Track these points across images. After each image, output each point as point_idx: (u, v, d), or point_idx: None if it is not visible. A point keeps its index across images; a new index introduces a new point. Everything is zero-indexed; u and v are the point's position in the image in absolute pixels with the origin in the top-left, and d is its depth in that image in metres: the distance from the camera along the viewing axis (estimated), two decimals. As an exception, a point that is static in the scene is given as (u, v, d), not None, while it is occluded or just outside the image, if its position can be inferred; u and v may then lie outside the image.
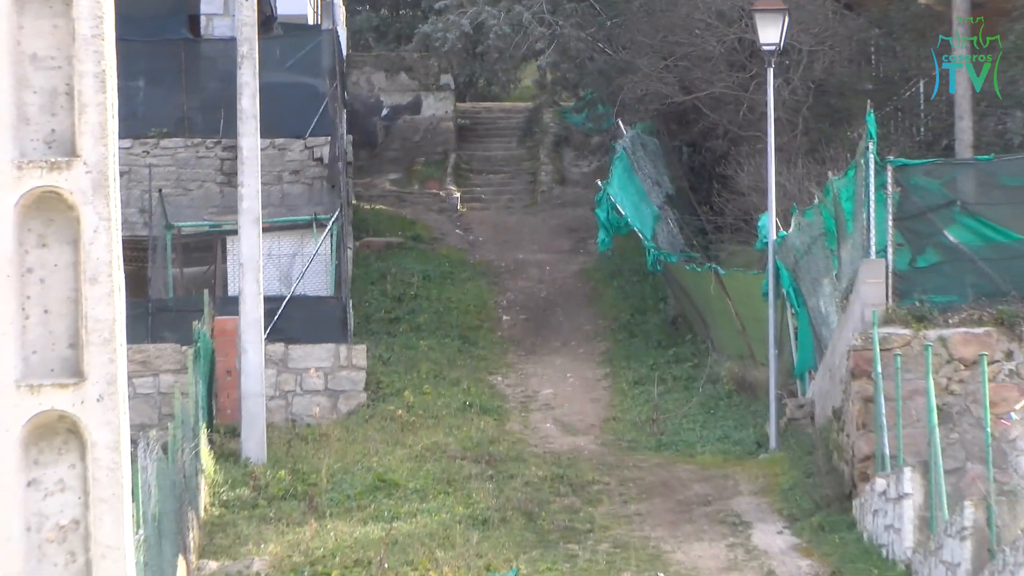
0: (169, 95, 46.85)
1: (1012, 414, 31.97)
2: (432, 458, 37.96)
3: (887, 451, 34.60)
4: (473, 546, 33.27)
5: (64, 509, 11.21)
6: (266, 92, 40.15)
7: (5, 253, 11.01)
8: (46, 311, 11.25)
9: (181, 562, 30.64)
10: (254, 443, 38.34)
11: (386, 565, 32.02)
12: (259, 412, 38.79)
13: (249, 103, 39.57)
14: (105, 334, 11.17)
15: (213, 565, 32.43)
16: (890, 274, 36.11)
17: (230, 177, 43.04)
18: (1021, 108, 44.06)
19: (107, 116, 11.37)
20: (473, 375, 43.06)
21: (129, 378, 11.51)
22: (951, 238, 36.66)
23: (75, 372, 11.09)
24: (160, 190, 45.00)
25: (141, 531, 21.47)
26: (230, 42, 41.53)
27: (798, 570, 33.30)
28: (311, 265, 44.39)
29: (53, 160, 11.20)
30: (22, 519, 11.09)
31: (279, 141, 44.76)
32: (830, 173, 40.01)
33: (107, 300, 11.18)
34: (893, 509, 34.68)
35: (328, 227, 45.34)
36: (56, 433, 11.15)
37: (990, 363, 33.36)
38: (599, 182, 49.11)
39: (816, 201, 40.00)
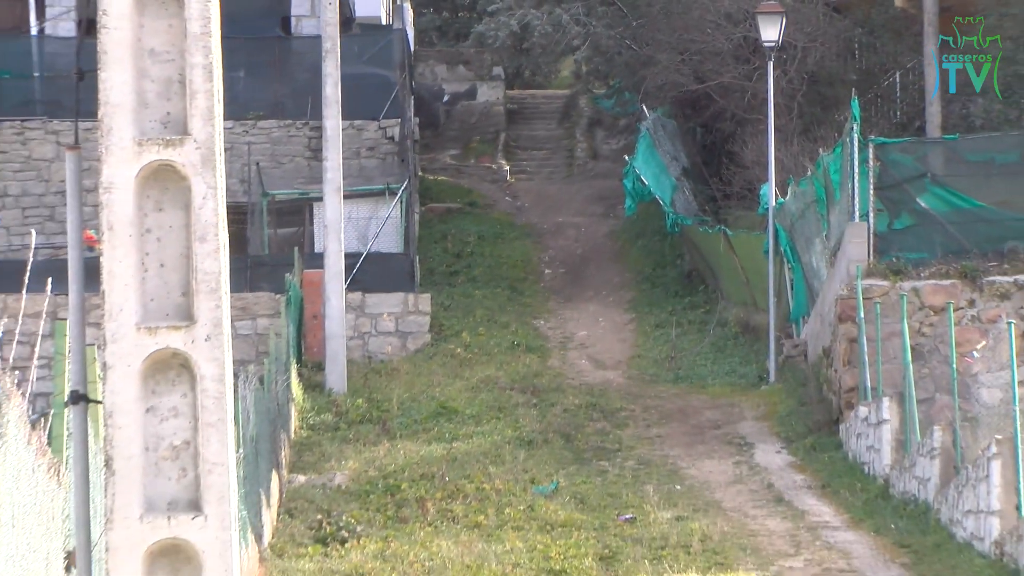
0: (265, 84, 46.88)
1: (974, 353, 31.89)
2: (485, 389, 37.95)
3: (868, 384, 34.58)
4: (520, 463, 33.30)
5: (177, 432, 11.18)
6: (346, 81, 40.14)
7: (128, 216, 11.01)
8: (162, 265, 11.21)
9: (275, 476, 30.64)
10: (336, 376, 38.35)
11: (447, 478, 32.04)
12: (340, 350, 38.80)
13: (332, 91, 39.54)
14: (212, 284, 11.14)
15: (301, 479, 32.47)
16: (871, 235, 36.17)
17: (316, 153, 43.00)
18: (982, 95, 43.90)
19: (213, 101, 11.36)
20: (520, 319, 43.01)
21: (231, 321, 11.43)
22: (923, 205, 36.69)
23: (187, 316, 11.08)
24: (257, 164, 45.01)
25: (242, 450, 21.46)
26: (316, 39, 41.61)
27: (793, 483, 33.24)
28: (384, 227, 44.35)
29: (168, 138, 11.16)
30: (142, 440, 11.06)
31: (357, 122, 44.70)
32: (820, 150, 39.92)
33: (213, 256, 11.15)
34: (873, 433, 34.62)
35: (398, 195, 45.31)
36: (170, 368, 11.12)
37: (955, 310, 33.31)
38: (626, 157, 49.03)
39: (809, 174, 39.93)
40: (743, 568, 27.88)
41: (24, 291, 11.81)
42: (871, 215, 36.29)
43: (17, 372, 12.43)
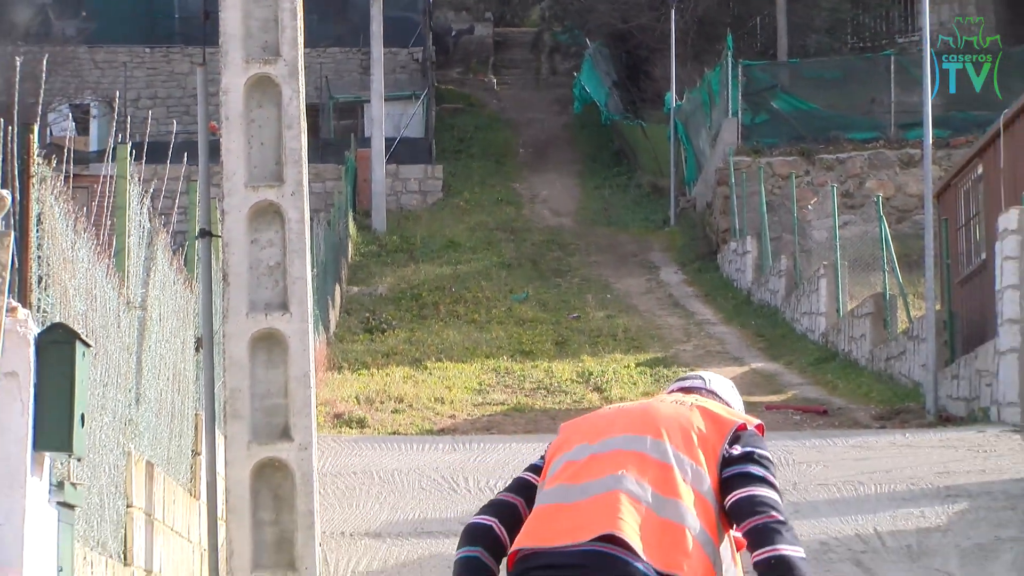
0: (331, 22, 46.20)
1: (809, 206, 31.91)
2: (479, 229, 37.93)
3: (737, 226, 34.60)
4: (502, 279, 33.38)
5: (271, 256, 11.18)
6: (386, 21, 39.89)
7: (238, 111, 11.03)
8: (262, 144, 11.21)
9: (337, 287, 30.68)
10: (379, 220, 38.27)
11: (453, 289, 32.18)
12: (382, 203, 38.77)
13: (377, 28, 39.34)
14: (295, 157, 11.13)
15: (355, 289, 32.51)
16: (740, 127, 36.20)
17: (365, 70, 42.69)
18: (815, 32, 43.78)
19: (297, 33, 11.39)
20: (503, 183, 42.88)
21: (308, 182, 11.46)
22: (775, 107, 36.67)
23: (278, 178, 11.08)
24: (326, 77, 44.68)
25: (316, 270, 21.44)
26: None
27: (686, 294, 33.32)
28: (411, 120, 44.17)
29: (266, 58, 11.16)
30: (247, 262, 11.05)
31: (393, 49, 44.28)
32: (706, 69, 39.77)
33: (296, 138, 11.14)
34: (740, 260, 34.63)
35: (421, 98, 45.10)
36: (267, 214, 11.13)
37: (796, 178, 33.29)
38: (575, 74, 48.81)
39: (698, 85, 39.81)
40: (652, 350, 28.06)
41: (168, 163, 11.79)
42: (740, 113, 36.30)
43: (163, 217, 12.42)
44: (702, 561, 4.99)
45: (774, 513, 4.99)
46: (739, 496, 5.03)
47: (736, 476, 5.05)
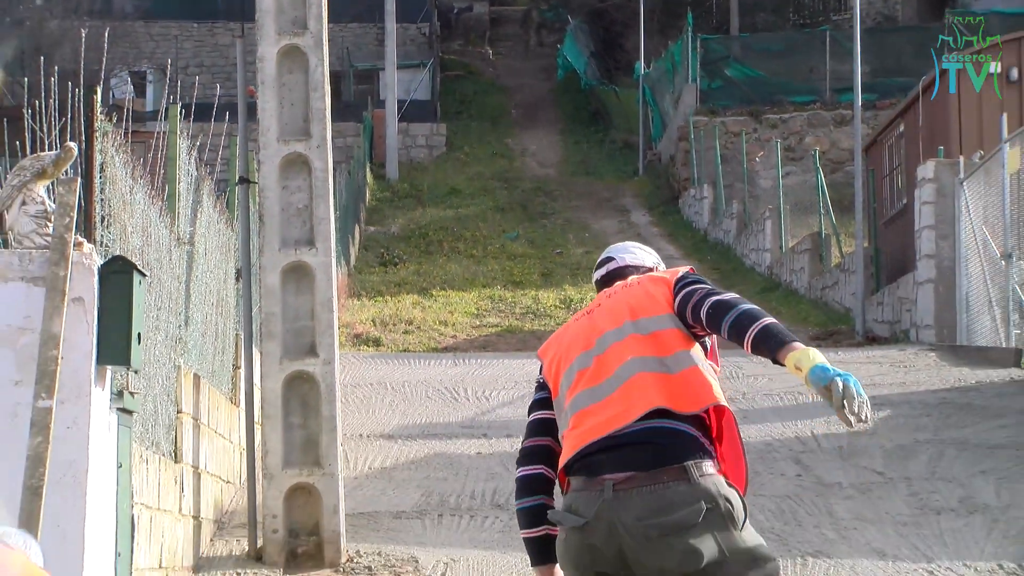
0: (349, 2, 45.83)
1: (757, 159, 31.83)
2: (477, 178, 37.85)
3: (696, 176, 34.54)
4: (497, 221, 33.30)
5: (300, 200, 11.15)
6: (397, 0, 39.69)
7: (272, 76, 11.00)
8: (292, 104, 11.17)
9: (357, 227, 30.57)
10: (392, 170, 38.16)
11: (455, 229, 32.10)
12: (394, 156, 38.60)
13: (390, 6, 39.13)
14: (320, 116, 11.09)
15: (372, 229, 32.40)
16: (698, 91, 36.00)
17: (380, 42, 42.25)
18: (763, 11, 43.60)
19: (322, 10, 11.35)
20: (497, 139, 42.71)
21: (332, 137, 11.40)
22: (728, 74, 36.45)
23: (306, 134, 11.05)
24: (347, 48, 44.44)
25: (338, 212, 21.36)
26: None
27: (652, 233, 33.24)
28: (419, 86, 43.97)
29: (295, 31, 11.12)
30: (279, 205, 11.00)
31: (404, 24, 43.85)
32: (669, 42, 39.65)
33: (322, 99, 11.09)
34: (698, 204, 34.59)
35: (428, 67, 44.90)
36: (296, 163, 11.09)
37: (746, 134, 33.20)
38: (559, 46, 48.70)
39: (663, 55, 39.66)
40: (623, 281, 28.09)
41: (212, 121, 11.77)
42: (698, 80, 36.16)
43: (208, 167, 12.38)
44: (708, 375, 5.11)
45: (734, 306, 5.08)
46: (704, 310, 5.11)
47: (692, 300, 5.15)
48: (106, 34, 11.37)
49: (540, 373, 5.48)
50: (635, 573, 4.93)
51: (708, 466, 4.93)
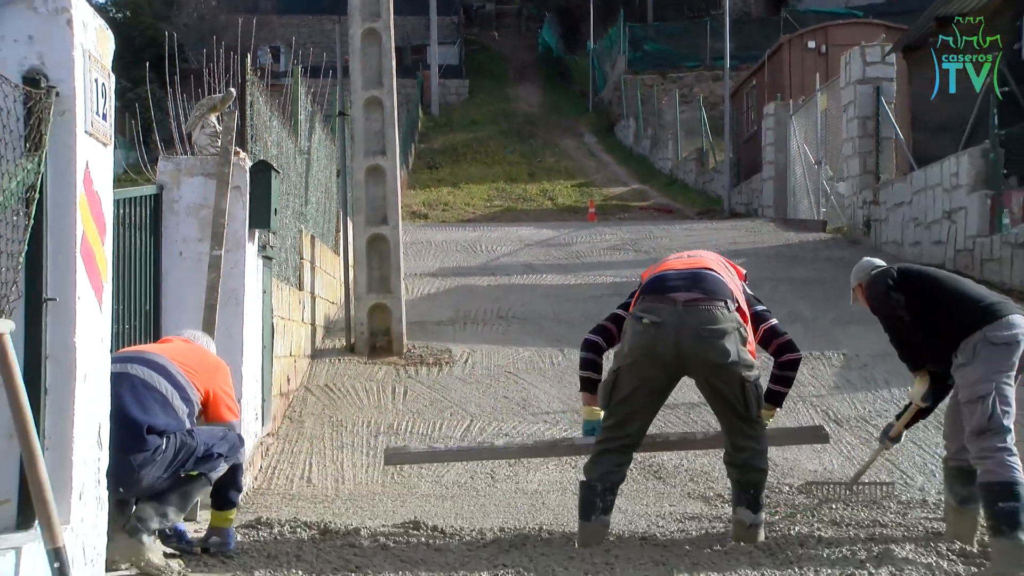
0: (408, 2, 44.47)
1: (663, 102, 31.27)
2: (488, 115, 37.14)
3: (626, 111, 33.95)
4: (500, 141, 32.69)
5: (376, 126, 10.93)
6: (436, 2, 38.69)
7: (358, 47, 10.70)
8: (371, 65, 10.91)
9: (412, 144, 30.12)
10: (435, 109, 37.34)
11: (473, 146, 31.69)
12: (436, 99, 37.90)
13: (434, 3, 38.16)
14: (388, 73, 10.82)
15: (422, 145, 31.78)
16: (626, 59, 35.30)
17: (427, 28, 41.38)
18: (667, 7, 42.50)
19: (390, 5, 10.98)
20: (501, 90, 41.70)
21: (397, 88, 11.17)
22: (646, 48, 35.66)
23: (380, 84, 10.81)
24: (406, 30, 43.20)
25: (400, 133, 21.12)
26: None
27: (598, 148, 32.84)
28: (451, 56, 43.03)
29: (372, 18, 10.83)
30: (363, 130, 10.82)
31: (441, 16, 42.44)
32: (609, 28, 38.80)
33: (390, 62, 10.83)
34: (626, 131, 34.04)
35: (456, 43, 43.95)
36: (374, 103, 10.87)
37: (657, 87, 32.68)
38: (539, 30, 47.73)
39: (605, 36, 38.91)
40: (579, 178, 27.77)
41: (320, 78, 11.53)
42: (626, 52, 35.43)
43: (319, 105, 12.10)
44: (744, 308, 5.22)
45: (783, 336, 5.42)
46: (764, 329, 5.36)
47: (757, 314, 5.38)
48: (253, 22, 11.18)
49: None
50: (684, 359, 5.01)
51: (736, 310, 5.11)
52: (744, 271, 5.62)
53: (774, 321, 5.39)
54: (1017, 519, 4.45)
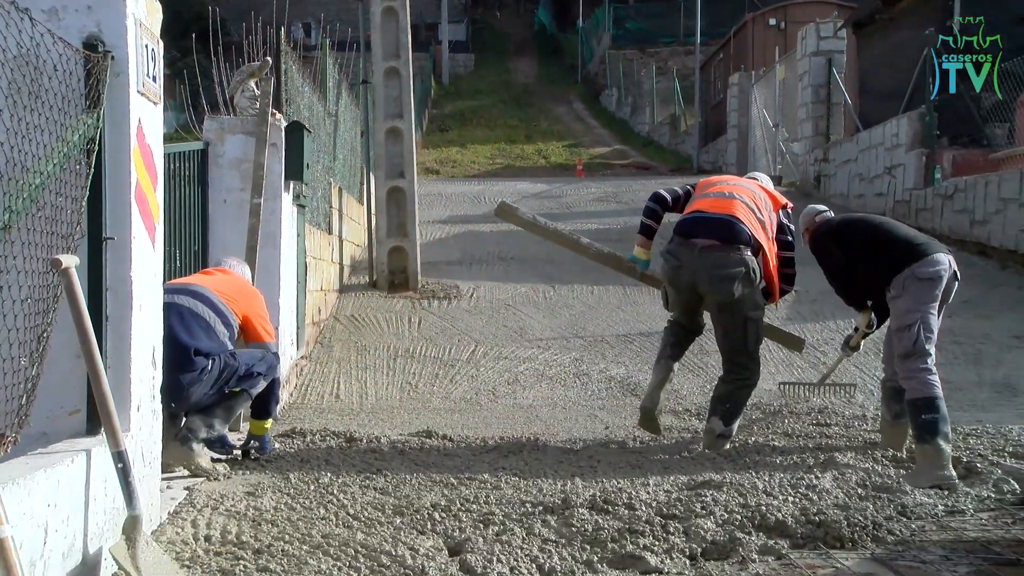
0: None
1: (642, 73, 30.82)
2: (491, 85, 36.70)
3: (609, 83, 33.46)
4: (501, 107, 32.27)
5: (394, 93, 10.75)
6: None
7: (378, 23, 10.48)
8: (389, 40, 10.71)
9: (425, 110, 29.73)
10: (445, 78, 36.83)
11: (478, 113, 31.30)
12: (447, 70, 37.37)
13: (443, -13, 37.38)
14: (405, 47, 10.59)
15: (435, 111, 31.27)
16: (610, 36, 34.75)
17: (439, 8, 40.66)
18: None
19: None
20: (502, 63, 41.22)
21: (411, 60, 10.98)
22: (628, 27, 35.13)
23: (397, 56, 10.57)
24: (420, 10, 42.42)
25: (415, 99, 20.86)
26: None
27: (585, 114, 32.42)
28: (460, 33, 42.35)
29: (389, -4, 10.52)
30: (384, 95, 10.64)
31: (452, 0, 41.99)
32: (596, 9, 38.11)
33: (407, 37, 10.62)
34: (610, 98, 33.52)
35: (464, 22, 43.22)
36: (392, 73, 10.68)
37: (637, 60, 32.18)
38: (535, 11, 46.97)
39: (592, 16, 38.29)
40: (569, 139, 27.50)
41: (346, 50, 11.30)
42: (611, 30, 34.93)
43: (344, 72, 11.92)
44: (770, 239, 5.32)
45: (790, 265, 5.46)
46: (782, 256, 5.39)
47: (782, 243, 5.40)
48: (287, 1, 10.95)
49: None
50: (699, 293, 5.21)
51: (749, 251, 5.17)
52: (784, 200, 5.53)
53: (790, 253, 5.47)
54: (937, 428, 4.51)
